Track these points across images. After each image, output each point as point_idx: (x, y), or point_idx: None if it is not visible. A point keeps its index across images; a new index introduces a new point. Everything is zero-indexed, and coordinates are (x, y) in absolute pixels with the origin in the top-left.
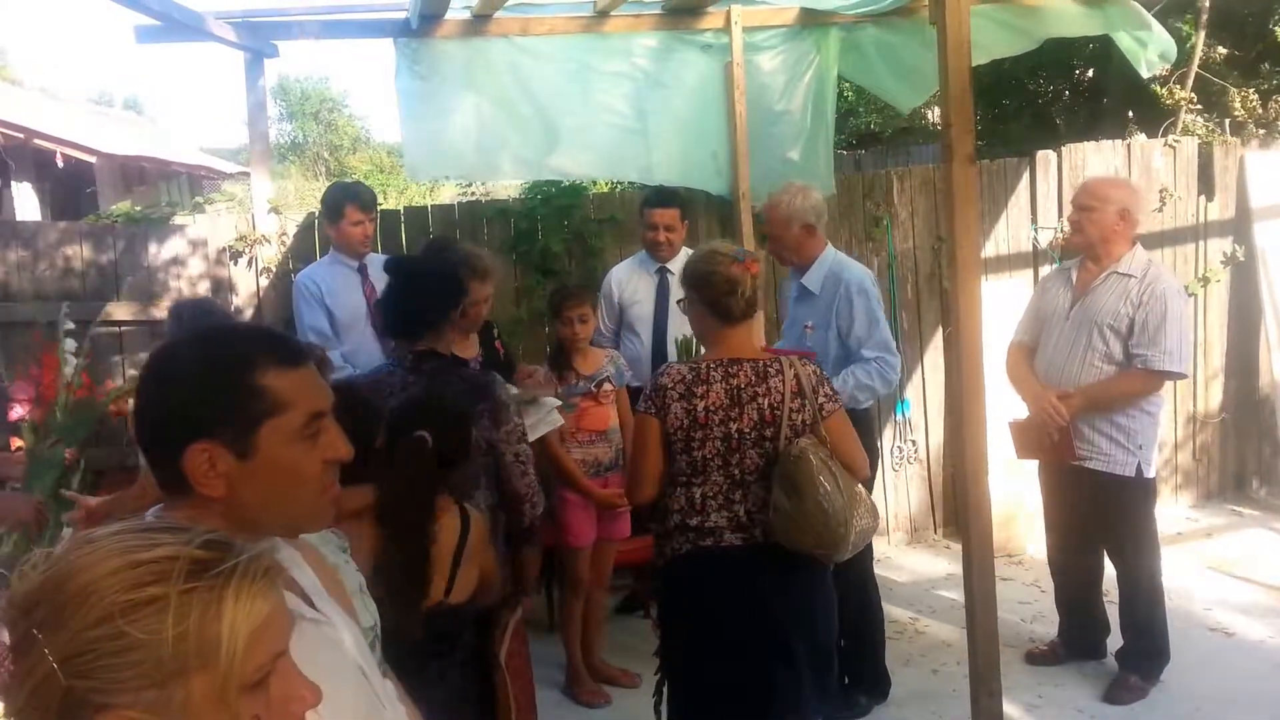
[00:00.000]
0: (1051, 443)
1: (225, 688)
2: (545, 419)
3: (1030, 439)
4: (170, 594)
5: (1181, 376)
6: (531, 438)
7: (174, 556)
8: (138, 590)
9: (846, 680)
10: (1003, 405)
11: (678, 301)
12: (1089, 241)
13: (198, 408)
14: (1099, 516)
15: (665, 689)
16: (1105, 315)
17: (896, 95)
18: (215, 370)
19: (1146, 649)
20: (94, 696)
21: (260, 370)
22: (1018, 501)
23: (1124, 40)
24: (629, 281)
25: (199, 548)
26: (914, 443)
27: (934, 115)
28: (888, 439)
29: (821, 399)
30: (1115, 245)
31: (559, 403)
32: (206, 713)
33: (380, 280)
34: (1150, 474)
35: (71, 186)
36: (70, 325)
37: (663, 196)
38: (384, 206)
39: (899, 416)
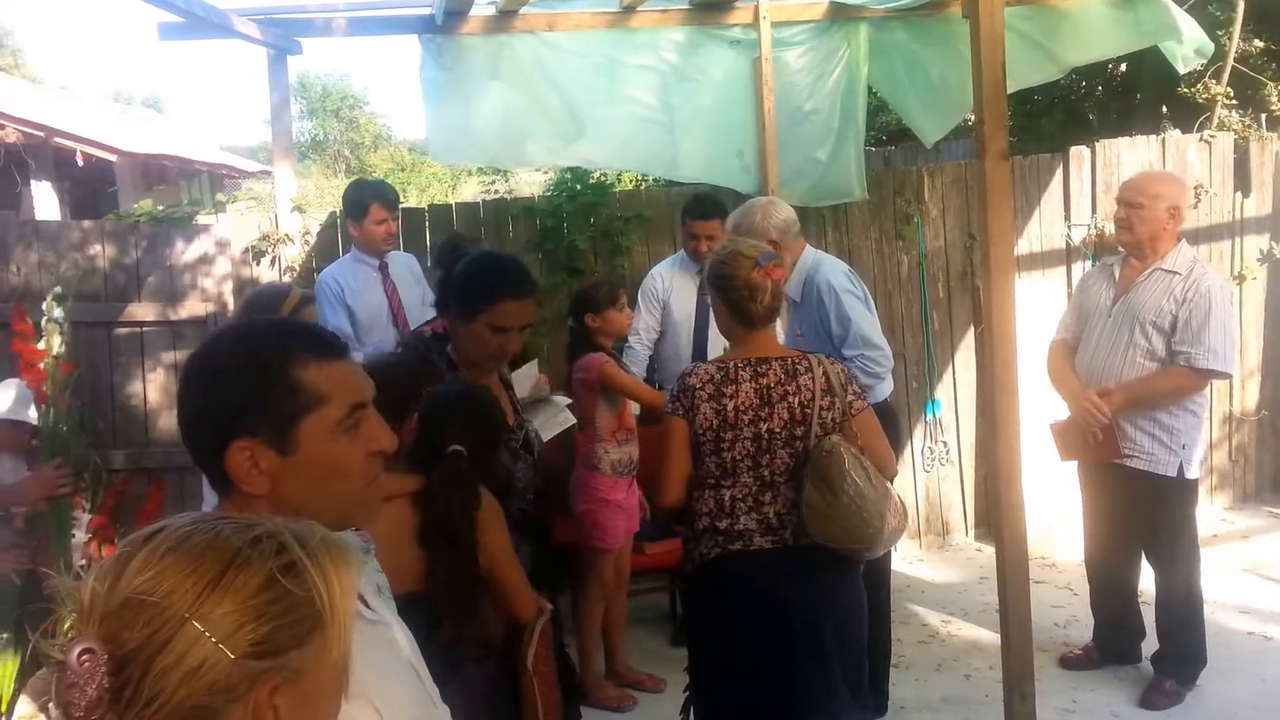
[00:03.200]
0: (1095, 441)
1: (340, 641)
2: (555, 418)
3: (1072, 439)
4: (299, 558)
5: (1226, 376)
6: (545, 438)
7: (280, 531)
8: (279, 557)
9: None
10: (1037, 406)
11: (705, 296)
12: (1137, 239)
13: (237, 406)
14: (1139, 517)
15: (693, 701)
16: (1148, 312)
17: (921, 124)
18: (252, 368)
19: (1183, 653)
20: (261, 663)
21: (297, 365)
22: (1051, 504)
23: None
24: (670, 281)
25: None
26: (945, 443)
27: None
28: (918, 440)
29: (850, 396)
30: (1163, 242)
31: (569, 400)
32: (328, 667)
33: (400, 279)
34: (1192, 475)
35: (91, 185)
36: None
37: (705, 208)
38: (406, 205)
39: (930, 417)
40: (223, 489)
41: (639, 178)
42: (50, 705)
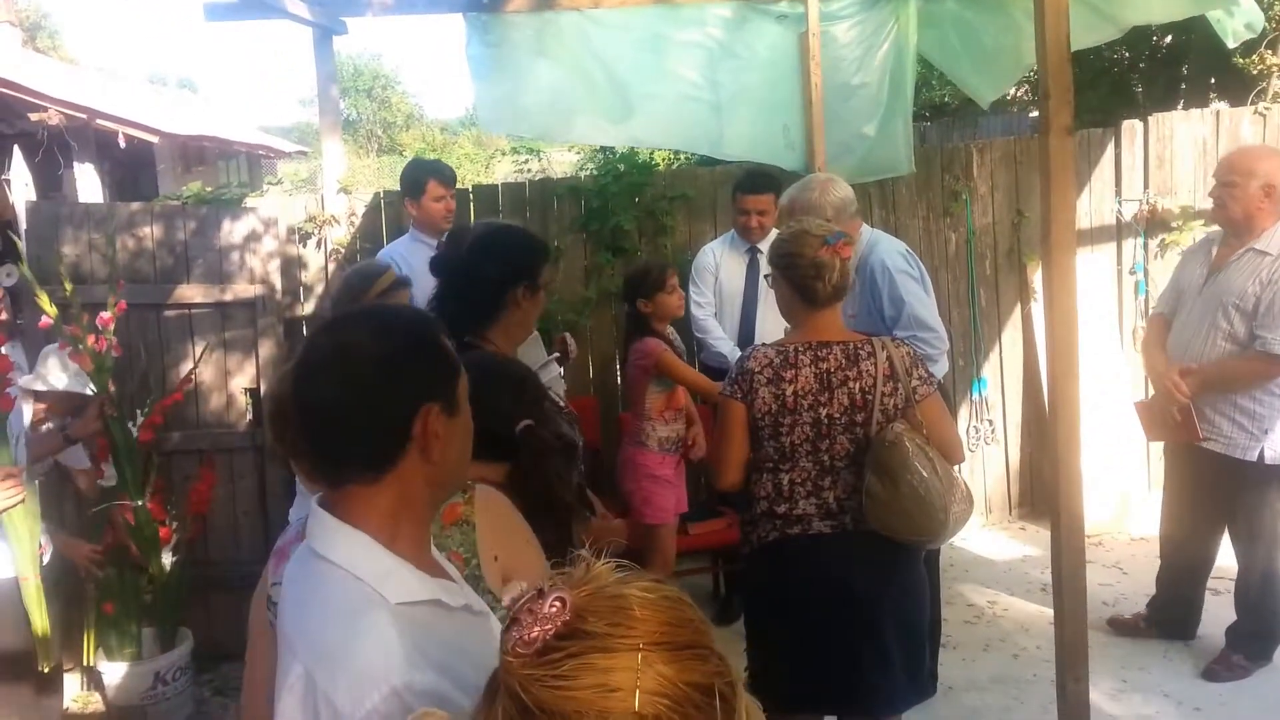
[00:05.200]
0: (1175, 422)
1: None
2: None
3: (1156, 419)
4: (739, 707)
5: None
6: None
7: (739, 679)
8: (725, 684)
9: None
10: (1086, 385)
11: (765, 276)
12: (1231, 218)
13: (418, 376)
14: (1219, 499)
15: (751, 684)
16: (1233, 295)
17: (976, 86)
18: (417, 340)
19: (1256, 630)
20: None
21: (442, 334)
22: (1099, 482)
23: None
24: (721, 259)
25: None
26: (991, 422)
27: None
28: (964, 418)
29: (915, 381)
30: (1259, 220)
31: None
32: None
33: None
34: (1274, 460)
35: (131, 167)
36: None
37: (756, 182)
38: None
39: (975, 395)
40: (373, 473)
41: (672, 155)
42: (512, 605)
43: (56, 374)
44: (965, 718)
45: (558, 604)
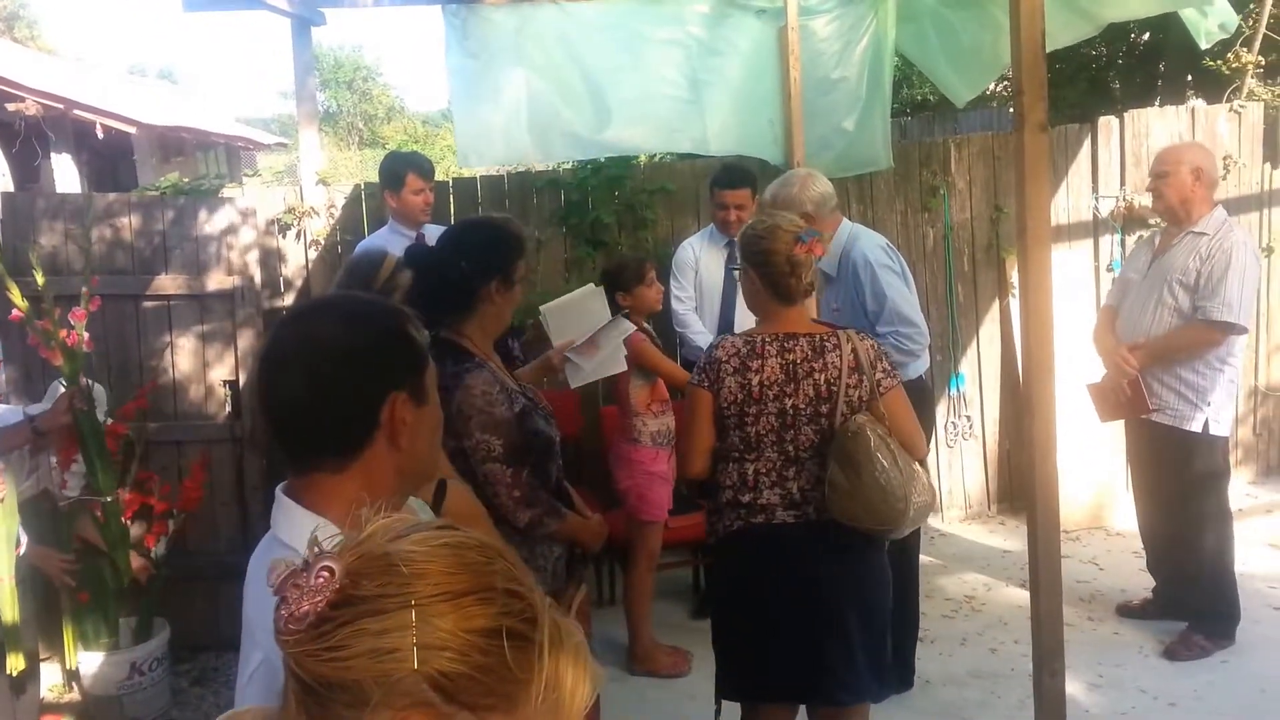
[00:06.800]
0: (1126, 398)
1: None
2: (616, 331)
3: (1108, 399)
4: (539, 640)
5: (1241, 330)
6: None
7: (542, 606)
8: (520, 622)
9: None
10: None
11: (733, 269)
12: (1169, 206)
13: (386, 363)
14: (1170, 474)
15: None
16: (1176, 272)
17: (953, 85)
18: (391, 326)
19: (1214, 611)
20: (433, 694)
21: (410, 323)
22: (1077, 477)
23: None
24: (700, 253)
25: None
26: (969, 418)
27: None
28: (942, 414)
29: (879, 374)
30: (1194, 206)
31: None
32: None
33: None
34: (1220, 432)
35: (109, 158)
36: None
37: (733, 177)
38: None
39: (954, 391)
40: (339, 461)
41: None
42: (273, 583)
43: None
44: (942, 712)
45: (325, 574)
